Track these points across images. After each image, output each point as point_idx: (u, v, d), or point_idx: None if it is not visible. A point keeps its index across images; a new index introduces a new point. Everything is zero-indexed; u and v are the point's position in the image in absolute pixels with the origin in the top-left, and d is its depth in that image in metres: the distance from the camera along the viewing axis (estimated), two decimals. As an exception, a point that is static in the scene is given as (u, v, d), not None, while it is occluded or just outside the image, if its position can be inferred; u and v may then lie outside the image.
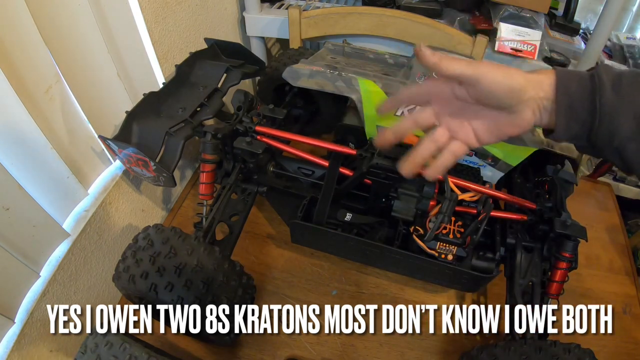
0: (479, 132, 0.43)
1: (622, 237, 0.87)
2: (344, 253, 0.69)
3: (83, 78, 0.61)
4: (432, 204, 0.62)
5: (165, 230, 0.57)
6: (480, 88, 0.39)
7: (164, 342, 0.66)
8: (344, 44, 0.88)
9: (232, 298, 0.55)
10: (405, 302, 0.71)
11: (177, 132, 0.63)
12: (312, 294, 0.73)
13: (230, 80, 0.73)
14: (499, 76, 0.39)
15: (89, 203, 0.65)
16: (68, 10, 0.56)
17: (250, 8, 0.98)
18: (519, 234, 0.62)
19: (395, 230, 0.64)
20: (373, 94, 0.69)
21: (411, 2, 0.98)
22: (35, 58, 0.52)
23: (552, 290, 0.58)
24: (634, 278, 0.79)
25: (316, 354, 0.66)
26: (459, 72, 0.40)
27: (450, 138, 0.44)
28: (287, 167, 0.74)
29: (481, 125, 0.43)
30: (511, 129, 0.42)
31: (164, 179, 0.63)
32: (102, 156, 0.68)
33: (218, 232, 0.66)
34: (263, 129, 0.68)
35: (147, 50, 0.71)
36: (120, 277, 0.54)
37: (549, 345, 0.50)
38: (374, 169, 0.59)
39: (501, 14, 0.89)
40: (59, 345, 0.60)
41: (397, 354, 0.66)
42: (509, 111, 0.40)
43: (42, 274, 0.57)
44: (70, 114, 0.60)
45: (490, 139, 0.43)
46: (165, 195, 0.86)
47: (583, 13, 1.32)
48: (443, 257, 0.59)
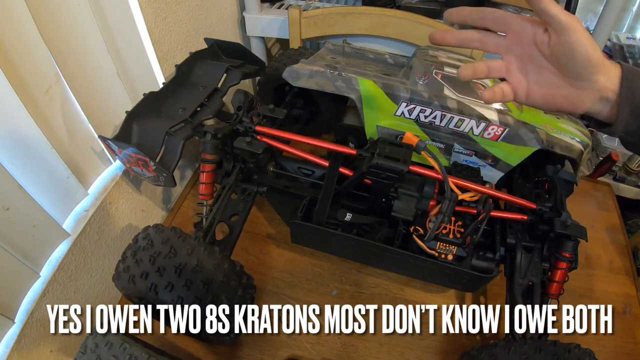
0: (532, 89, 0.42)
1: (622, 237, 0.87)
2: (344, 253, 0.69)
3: (83, 78, 0.61)
4: (432, 204, 0.62)
5: (165, 230, 0.57)
6: (565, 40, 0.38)
7: (164, 342, 0.66)
8: (344, 44, 0.88)
9: (232, 298, 0.55)
10: (405, 302, 0.71)
11: (177, 132, 0.63)
12: (312, 294, 0.73)
13: (230, 80, 0.74)
14: (586, 41, 0.38)
15: (89, 203, 0.65)
16: (68, 10, 0.56)
17: (250, 8, 0.98)
18: (519, 234, 0.62)
19: (395, 230, 0.64)
20: (373, 93, 0.69)
21: (411, 2, 0.98)
22: (35, 58, 0.52)
23: (552, 290, 0.58)
24: (634, 278, 0.79)
25: (316, 354, 0.66)
26: (554, 13, 0.38)
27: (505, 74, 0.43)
28: (287, 167, 0.74)
29: (539, 84, 0.42)
30: (565, 103, 0.41)
31: (164, 179, 0.63)
32: (102, 156, 0.68)
33: (218, 232, 0.66)
34: (263, 129, 0.69)
35: (147, 50, 0.71)
36: (120, 277, 0.54)
37: (549, 345, 0.50)
38: (374, 169, 0.59)
39: (501, 14, 0.89)
40: (59, 345, 0.60)
41: (397, 354, 0.66)
42: (573, 83, 0.40)
43: (42, 274, 0.57)
44: (70, 114, 0.60)
45: (539, 102, 0.42)
46: (165, 195, 0.86)
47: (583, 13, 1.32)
48: (443, 257, 0.59)
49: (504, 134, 0.68)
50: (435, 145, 0.72)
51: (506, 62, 0.43)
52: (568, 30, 0.38)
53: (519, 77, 0.42)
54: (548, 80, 0.41)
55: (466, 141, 0.70)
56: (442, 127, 0.70)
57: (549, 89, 0.41)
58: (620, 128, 0.40)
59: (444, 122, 0.69)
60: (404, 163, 0.57)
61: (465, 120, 0.68)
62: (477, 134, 0.69)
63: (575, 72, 0.39)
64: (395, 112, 0.70)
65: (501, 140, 0.68)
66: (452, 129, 0.70)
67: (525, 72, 0.42)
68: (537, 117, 0.69)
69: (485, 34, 0.43)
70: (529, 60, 0.42)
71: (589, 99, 0.40)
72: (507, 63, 0.43)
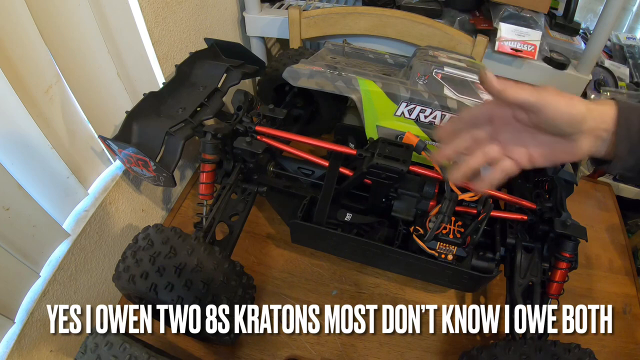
0: (533, 154, 0.43)
1: (622, 237, 0.87)
2: (344, 253, 0.69)
3: (83, 78, 0.61)
4: (432, 204, 0.62)
5: (165, 230, 0.57)
6: (543, 116, 0.39)
7: (164, 342, 0.66)
8: (344, 44, 0.88)
9: (232, 298, 0.55)
10: (405, 302, 0.71)
11: (177, 132, 0.63)
12: (312, 294, 0.73)
13: (230, 80, 0.74)
14: (562, 105, 0.39)
15: (89, 203, 0.65)
16: (68, 10, 0.56)
17: (250, 8, 0.98)
18: (519, 234, 0.62)
19: (395, 230, 0.64)
20: (373, 94, 0.69)
21: (411, 2, 0.98)
22: (35, 58, 0.52)
23: (552, 290, 0.58)
24: (634, 278, 0.79)
25: (316, 354, 0.66)
26: (523, 99, 0.40)
27: (503, 155, 0.44)
28: (287, 167, 0.74)
29: (537, 149, 0.43)
30: (566, 156, 0.42)
31: (164, 179, 0.63)
32: (102, 156, 0.68)
33: (218, 232, 0.66)
34: (263, 129, 0.68)
35: (147, 50, 0.71)
36: (120, 277, 0.54)
37: (549, 345, 0.50)
38: (374, 169, 0.59)
39: (501, 14, 0.89)
40: (59, 345, 0.60)
41: (397, 354, 0.66)
42: (567, 139, 0.41)
43: (42, 274, 0.57)
44: (70, 114, 0.60)
45: (544, 163, 0.43)
46: (165, 195, 0.86)
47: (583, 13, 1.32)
48: (443, 257, 0.59)
49: (504, 134, 0.67)
50: (435, 145, 0.72)
51: (503, 143, 0.44)
52: (541, 109, 0.39)
53: (518, 150, 0.44)
54: (544, 141, 0.42)
55: (466, 141, 0.70)
56: (442, 127, 0.70)
57: (547, 149, 0.43)
58: (619, 166, 0.40)
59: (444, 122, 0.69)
60: (404, 163, 0.57)
61: (465, 120, 0.68)
62: (477, 134, 0.69)
63: (563, 132, 0.40)
64: (395, 112, 0.70)
65: (501, 140, 0.68)
66: (452, 129, 0.69)
67: (521, 142, 0.44)
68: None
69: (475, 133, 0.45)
70: (520, 133, 0.43)
71: (586, 145, 0.40)
72: (504, 144, 0.44)
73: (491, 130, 0.44)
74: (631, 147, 0.39)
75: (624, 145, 0.39)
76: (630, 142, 0.39)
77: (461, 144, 0.46)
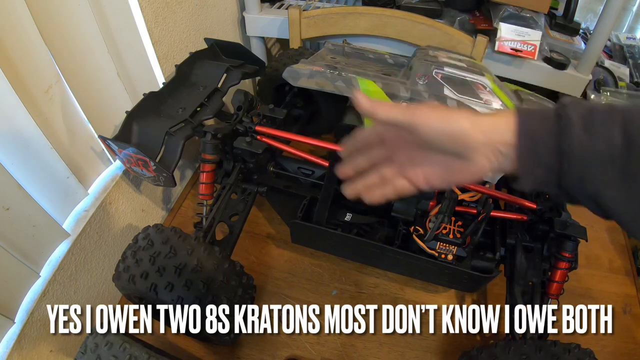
0: (429, 176, 0.41)
1: (622, 237, 0.87)
2: (344, 253, 0.69)
3: (83, 78, 0.61)
4: (432, 204, 0.62)
5: (165, 230, 0.57)
6: (417, 134, 0.37)
7: (164, 342, 0.66)
8: (344, 44, 0.88)
9: (232, 298, 0.55)
10: (405, 302, 0.71)
11: (177, 132, 0.63)
12: (312, 294, 0.73)
13: (230, 80, 0.73)
14: (436, 122, 0.36)
15: (89, 203, 0.65)
16: (68, 10, 0.56)
17: (250, 8, 0.98)
18: (519, 234, 0.62)
19: (395, 230, 0.64)
20: (373, 94, 0.69)
21: (411, 2, 0.98)
22: (35, 58, 0.52)
23: (552, 290, 0.58)
24: (634, 278, 0.79)
25: (316, 354, 0.66)
26: (394, 119, 0.38)
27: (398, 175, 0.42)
28: (287, 167, 0.74)
29: (432, 170, 0.40)
30: (463, 175, 0.38)
31: (164, 179, 0.63)
32: (102, 156, 0.68)
33: (218, 232, 0.66)
34: (263, 129, 0.68)
35: (147, 50, 0.71)
36: (120, 277, 0.54)
37: (549, 345, 0.50)
38: (374, 169, 0.59)
39: (501, 14, 0.89)
40: (59, 345, 0.60)
41: (397, 354, 0.66)
42: (459, 158, 0.37)
43: (42, 274, 0.57)
44: (70, 114, 0.60)
45: (441, 184, 0.41)
46: (165, 195, 0.86)
47: (583, 13, 1.32)
48: (443, 257, 0.59)
49: (504, 134, 0.67)
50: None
51: (397, 164, 0.42)
52: (414, 128, 0.37)
53: (412, 170, 0.42)
54: (438, 161, 0.39)
55: (466, 141, 0.70)
56: (442, 127, 0.70)
57: (442, 169, 0.40)
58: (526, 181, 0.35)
59: (444, 122, 0.69)
60: (404, 163, 0.57)
61: (465, 120, 0.68)
62: (477, 134, 0.69)
63: (448, 150, 0.37)
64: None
65: (501, 140, 0.68)
66: (452, 129, 0.69)
67: (415, 163, 0.41)
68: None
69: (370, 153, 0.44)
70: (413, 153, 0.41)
71: (483, 163, 0.36)
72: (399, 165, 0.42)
73: (385, 151, 0.43)
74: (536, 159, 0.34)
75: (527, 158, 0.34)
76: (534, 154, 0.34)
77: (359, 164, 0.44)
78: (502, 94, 0.70)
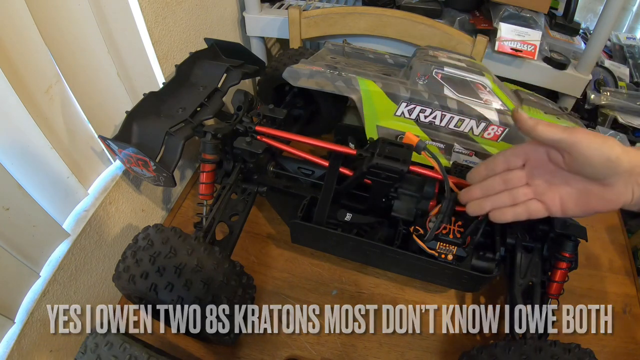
0: (565, 201, 0.42)
1: (622, 237, 0.86)
2: (344, 253, 0.69)
3: (83, 78, 0.61)
4: (432, 204, 0.62)
5: (165, 230, 0.57)
6: (576, 154, 0.38)
7: (164, 342, 0.66)
8: (344, 44, 0.88)
9: (232, 298, 0.55)
10: (405, 302, 0.71)
11: (177, 132, 0.63)
12: (312, 294, 0.73)
13: (230, 80, 0.74)
14: (596, 143, 0.37)
15: (89, 203, 0.65)
16: (68, 10, 0.56)
17: (250, 8, 0.98)
18: (519, 234, 0.62)
19: (395, 230, 0.64)
20: (373, 94, 0.69)
21: (411, 2, 0.98)
22: (35, 58, 0.52)
23: (552, 290, 0.58)
24: (634, 278, 0.79)
25: (316, 354, 0.66)
26: (556, 137, 0.39)
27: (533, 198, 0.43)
28: (287, 167, 0.74)
29: (570, 195, 0.41)
30: (602, 203, 0.40)
31: (164, 179, 0.63)
32: (102, 156, 0.68)
33: (218, 232, 0.66)
34: (263, 129, 0.69)
35: (147, 50, 0.71)
36: (120, 277, 0.54)
37: (549, 345, 0.50)
38: (374, 169, 0.59)
39: (501, 14, 0.89)
40: (59, 345, 0.60)
41: (397, 354, 0.66)
42: (602, 183, 0.39)
43: (42, 274, 0.57)
44: (70, 114, 0.60)
45: (576, 212, 0.42)
46: (165, 195, 0.86)
47: (583, 13, 1.32)
48: (443, 257, 0.59)
49: (503, 134, 0.68)
50: (435, 145, 0.72)
51: (535, 187, 0.43)
52: (573, 147, 0.38)
53: (550, 195, 0.42)
54: (578, 187, 0.41)
55: (466, 141, 0.70)
56: (442, 127, 0.70)
57: (581, 196, 0.41)
58: None
59: (444, 122, 0.69)
60: (404, 163, 0.57)
61: (465, 120, 0.68)
62: (477, 134, 0.69)
63: (598, 173, 0.38)
64: (395, 112, 0.70)
65: (501, 140, 0.68)
66: (452, 129, 0.70)
67: (554, 188, 0.42)
68: (536, 117, 0.69)
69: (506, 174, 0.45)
70: (553, 177, 0.42)
71: (621, 191, 0.38)
72: (535, 187, 0.43)
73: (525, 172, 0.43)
74: None
75: None
76: None
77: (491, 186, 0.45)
78: (502, 94, 0.70)
